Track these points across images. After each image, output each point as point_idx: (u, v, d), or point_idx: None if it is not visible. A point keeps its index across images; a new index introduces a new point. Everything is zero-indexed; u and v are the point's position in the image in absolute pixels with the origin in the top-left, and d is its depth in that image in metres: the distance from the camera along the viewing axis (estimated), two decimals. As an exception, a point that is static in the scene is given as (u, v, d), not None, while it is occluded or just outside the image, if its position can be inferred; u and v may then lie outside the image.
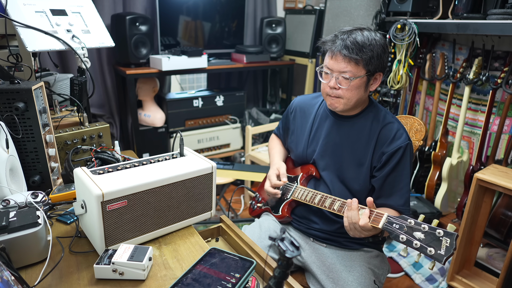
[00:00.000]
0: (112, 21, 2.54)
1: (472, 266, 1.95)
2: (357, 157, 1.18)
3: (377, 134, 1.16)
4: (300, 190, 1.26)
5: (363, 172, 1.18)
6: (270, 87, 3.52)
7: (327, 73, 1.12)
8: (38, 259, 0.86)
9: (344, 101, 1.13)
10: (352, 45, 1.05)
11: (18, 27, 1.31)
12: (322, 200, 1.17)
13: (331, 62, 1.10)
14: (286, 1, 3.40)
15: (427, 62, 2.38)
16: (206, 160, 1.05)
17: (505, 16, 1.81)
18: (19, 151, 1.10)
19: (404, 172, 1.15)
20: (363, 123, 1.19)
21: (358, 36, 1.06)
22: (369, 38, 1.06)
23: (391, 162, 1.14)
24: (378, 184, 1.16)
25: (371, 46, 1.06)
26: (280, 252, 0.57)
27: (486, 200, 1.80)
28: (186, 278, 0.76)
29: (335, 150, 1.22)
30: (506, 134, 2.13)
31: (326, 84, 1.14)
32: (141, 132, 2.66)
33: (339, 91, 1.11)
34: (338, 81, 1.10)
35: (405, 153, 1.14)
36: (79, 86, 1.43)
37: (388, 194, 1.16)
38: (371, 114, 1.19)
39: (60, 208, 1.09)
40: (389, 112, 1.22)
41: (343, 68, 1.08)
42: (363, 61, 1.06)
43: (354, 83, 1.09)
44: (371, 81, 1.14)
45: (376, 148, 1.16)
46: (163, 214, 0.96)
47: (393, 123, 1.17)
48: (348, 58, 1.06)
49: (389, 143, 1.14)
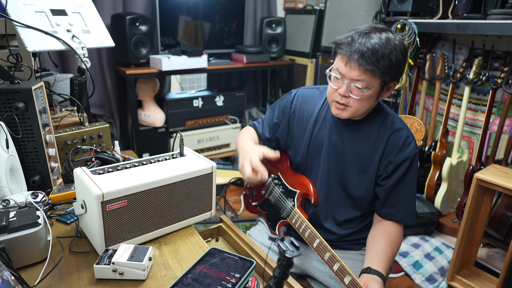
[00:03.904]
0: (112, 21, 2.54)
1: (472, 266, 1.95)
2: (361, 164, 1.12)
3: (385, 141, 1.08)
4: (298, 218, 1.14)
5: (367, 179, 1.12)
6: (270, 87, 3.52)
7: (337, 77, 1.01)
8: (38, 259, 0.85)
9: (352, 110, 1.03)
10: (371, 54, 0.93)
11: (18, 27, 1.31)
12: (321, 248, 1.05)
13: (344, 68, 0.98)
14: (286, 1, 3.40)
15: (427, 62, 2.38)
16: (206, 160, 1.05)
17: (505, 16, 1.81)
18: (19, 151, 1.10)
19: (410, 182, 1.10)
20: (370, 128, 1.11)
21: (377, 41, 0.94)
22: (389, 45, 0.95)
23: (398, 172, 1.08)
24: (384, 194, 1.11)
25: (391, 54, 0.95)
26: (280, 252, 0.57)
27: (486, 200, 1.80)
28: (186, 278, 0.76)
29: (337, 155, 1.15)
30: (506, 134, 2.13)
31: (334, 90, 1.03)
32: (141, 132, 2.66)
33: (349, 99, 1.01)
34: (349, 89, 0.99)
35: (413, 162, 1.09)
36: (79, 86, 1.43)
37: (394, 204, 1.11)
38: (379, 119, 1.11)
39: (60, 208, 1.09)
40: (397, 116, 1.13)
41: (357, 77, 0.97)
42: (380, 72, 0.96)
43: (367, 93, 0.99)
44: (384, 90, 1.04)
45: (384, 156, 1.09)
46: (163, 214, 0.96)
47: (402, 129, 1.10)
48: (364, 68, 0.95)
49: (397, 152, 1.08)
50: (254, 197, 1.40)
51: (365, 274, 1.01)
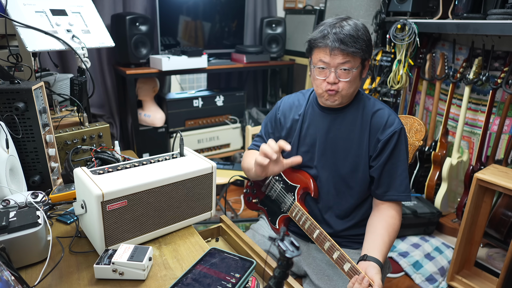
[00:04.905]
0: (112, 21, 2.54)
1: (472, 266, 1.95)
2: (353, 149, 1.18)
3: (369, 122, 1.16)
4: (298, 211, 1.20)
5: (361, 163, 1.17)
6: (270, 87, 3.52)
7: (323, 68, 1.11)
8: (38, 259, 0.86)
9: (343, 93, 1.12)
10: (349, 38, 1.05)
11: (18, 27, 1.31)
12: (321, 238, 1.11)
13: (328, 57, 1.08)
14: (286, 1, 3.40)
15: (427, 62, 2.38)
16: (206, 160, 1.05)
17: (505, 16, 1.81)
18: (19, 151, 1.10)
19: (401, 157, 1.15)
20: (354, 113, 1.19)
21: (348, 27, 1.07)
22: (358, 28, 1.08)
23: (387, 148, 1.14)
24: (377, 173, 1.16)
25: (362, 35, 1.08)
26: (280, 252, 0.57)
27: (486, 200, 1.80)
28: (186, 278, 0.76)
29: (330, 146, 1.20)
30: (506, 134, 2.13)
31: (323, 81, 1.12)
32: (141, 132, 2.66)
33: (339, 85, 1.11)
34: (337, 75, 1.10)
35: (400, 137, 1.14)
36: (79, 86, 1.43)
37: (388, 182, 1.16)
38: (361, 104, 1.19)
39: (60, 208, 1.09)
40: (377, 100, 1.22)
41: (342, 61, 1.07)
42: (360, 51, 1.07)
43: (354, 73, 1.10)
44: (364, 69, 1.15)
45: (371, 137, 1.16)
46: (163, 214, 0.96)
47: (383, 109, 1.18)
48: (347, 52, 1.06)
49: (383, 130, 1.14)
50: (254, 194, 1.42)
51: (362, 261, 1.05)
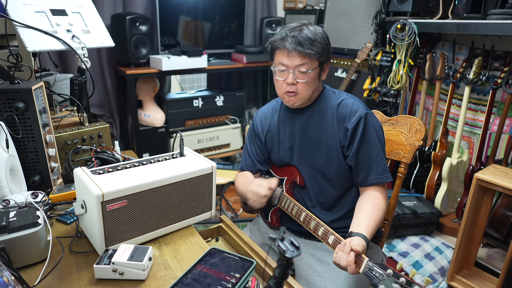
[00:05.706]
0: (112, 21, 2.54)
1: (472, 266, 1.95)
2: (325, 142, 1.22)
3: (336, 114, 1.20)
4: (286, 200, 1.26)
5: (334, 154, 1.21)
6: (270, 87, 3.52)
7: (283, 70, 1.16)
8: (38, 259, 0.86)
9: (302, 95, 1.18)
10: (305, 41, 1.11)
11: (18, 27, 1.31)
12: (307, 220, 1.18)
13: (286, 59, 1.14)
14: (286, 1, 3.40)
15: (427, 62, 2.38)
16: (206, 160, 1.05)
17: (505, 16, 1.81)
18: (19, 151, 1.10)
19: (372, 141, 1.18)
20: (321, 107, 1.24)
21: (307, 31, 1.13)
22: (316, 33, 1.14)
23: (356, 135, 1.17)
24: (353, 161, 1.19)
25: (320, 39, 1.14)
26: (280, 252, 0.57)
27: (486, 200, 1.80)
28: (186, 278, 0.76)
29: (306, 143, 1.25)
30: (506, 134, 2.13)
31: (283, 82, 1.17)
32: (141, 132, 2.66)
33: (297, 86, 1.16)
34: (295, 76, 1.15)
35: (367, 121, 1.17)
36: (79, 86, 1.43)
37: (366, 168, 1.19)
38: (327, 98, 1.24)
39: (60, 208, 1.09)
40: (342, 91, 1.27)
41: (299, 62, 1.13)
42: (316, 54, 1.13)
43: (311, 75, 1.15)
44: (322, 71, 1.20)
45: (339, 127, 1.20)
46: (163, 214, 0.96)
47: (347, 99, 1.22)
48: (303, 54, 1.12)
49: (349, 118, 1.18)
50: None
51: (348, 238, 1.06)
